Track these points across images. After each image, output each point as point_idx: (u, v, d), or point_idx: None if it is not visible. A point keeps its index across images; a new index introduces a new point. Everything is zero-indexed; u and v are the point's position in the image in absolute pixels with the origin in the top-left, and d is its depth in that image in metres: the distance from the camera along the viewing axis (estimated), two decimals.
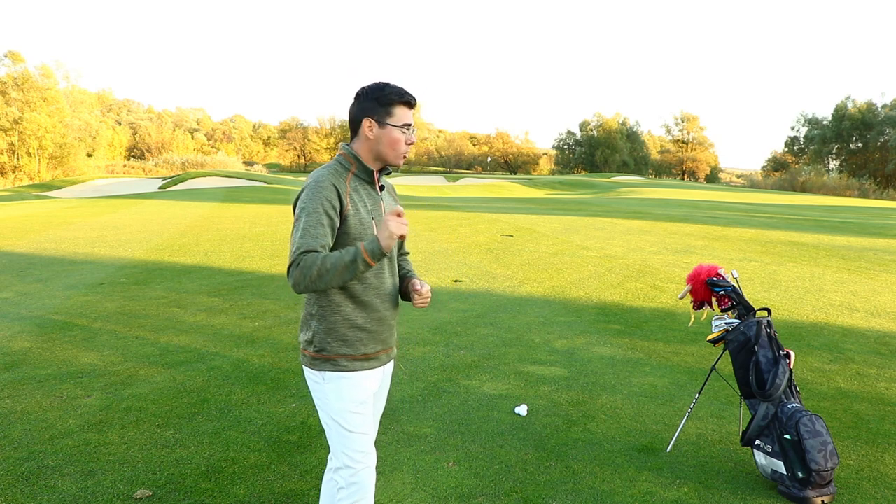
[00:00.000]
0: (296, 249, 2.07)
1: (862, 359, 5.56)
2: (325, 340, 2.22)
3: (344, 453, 2.25)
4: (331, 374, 2.22)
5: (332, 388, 2.22)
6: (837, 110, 75.06)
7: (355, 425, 2.24)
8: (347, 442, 2.24)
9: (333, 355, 2.22)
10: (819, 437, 3.24)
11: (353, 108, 2.29)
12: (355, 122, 2.28)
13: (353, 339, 2.23)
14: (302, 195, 2.17)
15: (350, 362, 2.23)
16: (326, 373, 2.22)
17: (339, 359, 2.22)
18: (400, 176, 65.67)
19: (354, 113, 2.28)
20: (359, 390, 2.25)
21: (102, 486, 3.26)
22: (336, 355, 2.22)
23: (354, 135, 2.30)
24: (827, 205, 32.52)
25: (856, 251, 11.82)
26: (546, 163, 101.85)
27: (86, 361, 5.21)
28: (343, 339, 2.22)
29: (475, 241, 12.67)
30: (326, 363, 2.22)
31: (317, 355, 2.23)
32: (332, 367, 2.22)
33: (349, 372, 2.23)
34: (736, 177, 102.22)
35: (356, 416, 2.24)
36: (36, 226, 15.12)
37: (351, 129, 2.31)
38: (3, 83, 51.66)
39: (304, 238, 2.08)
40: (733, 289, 3.67)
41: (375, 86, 2.27)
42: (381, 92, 2.24)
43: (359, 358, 2.25)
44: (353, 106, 2.29)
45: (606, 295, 7.94)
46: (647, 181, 63.76)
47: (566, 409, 4.40)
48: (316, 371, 2.23)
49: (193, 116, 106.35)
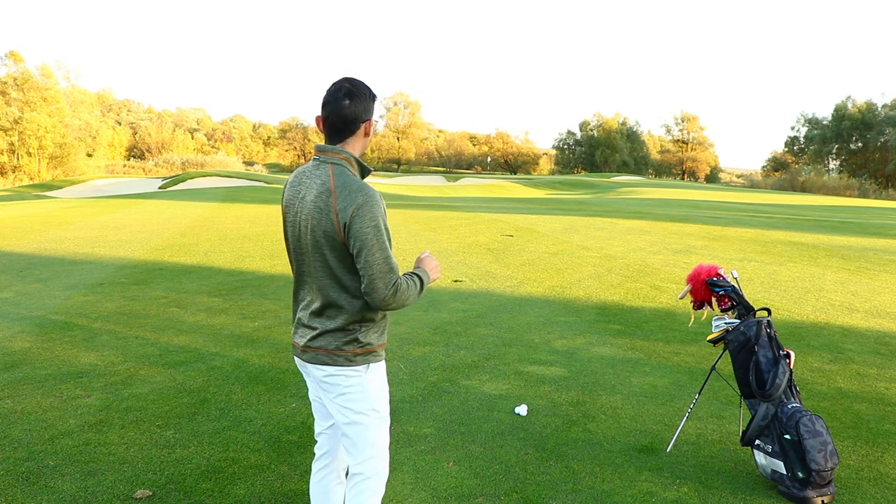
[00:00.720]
0: (391, 269, 2.16)
1: (862, 359, 5.56)
2: (369, 336, 2.30)
3: (376, 445, 2.36)
4: (374, 364, 2.34)
5: (372, 378, 2.33)
6: (837, 110, 75.03)
7: (387, 409, 2.42)
8: (382, 431, 2.38)
9: (376, 347, 2.33)
10: (819, 437, 3.24)
11: (352, 108, 2.23)
12: (354, 123, 2.25)
13: (384, 328, 2.38)
14: (364, 212, 2.13)
15: (382, 350, 2.39)
16: (370, 364, 2.32)
17: (378, 349, 2.35)
18: (400, 176, 65.70)
19: (356, 114, 2.24)
20: (385, 374, 2.44)
21: (102, 486, 3.26)
22: (377, 346, 2.34)
23: (349, 135, 2.26)
24: (827, 205, 32.52)
25: (856, 251, 11.82)
26: (546, 163, 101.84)
27: (86, 361, 5.21)
28: (380, 332, 2.35)
29: (475, 241, 12.67)
30: (369, 356, 2.31)
31: (360, 351, 2.29)
32: (374, 358, 2.33)
33: (382, 360, 2.39)
34: (736, 177, 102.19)
35: (387, 399, 2.43)
36: (36, 226, 15.12)
37: (342, 129, 2.25)
38: (4, 83, 51.66)
39: (393, 261, 2.17)
40: (733, 289, 3.67)
41: (364, 85, 2.28)
42: (371, 92, 2.29)
43: (385, 344, 2.41)
44: (351, 106, 2.23)
45: (606, 295, 7.94)
46: (647, 181, 63.76)
47: (566, 409, 4.40)
48: (359, 366, 2.30)
49: (193, 116, 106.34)
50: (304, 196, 2.24)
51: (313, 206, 2.19)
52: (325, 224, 2.16)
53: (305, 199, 2.23)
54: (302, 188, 2.27)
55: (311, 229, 2.21)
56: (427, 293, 7.93)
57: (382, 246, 2.14)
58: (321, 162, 2.26)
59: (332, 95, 2.23)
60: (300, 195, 2.27)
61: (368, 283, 2.14)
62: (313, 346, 2.29)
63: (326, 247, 2.19)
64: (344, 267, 2.20)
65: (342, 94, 2.22)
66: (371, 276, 2.13)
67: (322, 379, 2.31)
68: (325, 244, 2.19)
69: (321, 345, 2.28)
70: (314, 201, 2.19)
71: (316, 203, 2.18)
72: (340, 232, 2.15)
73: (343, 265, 2.20)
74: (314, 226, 2.19)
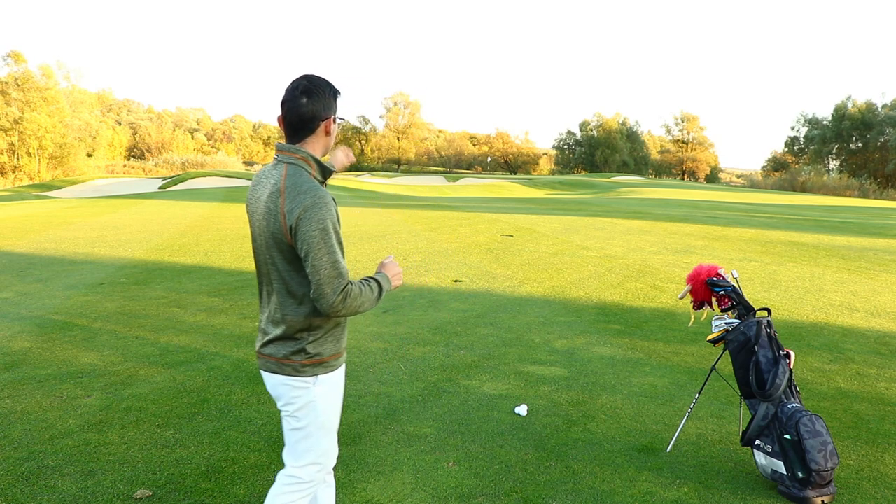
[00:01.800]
0: (339, 273, 2.07)
1: (862, 359, 5.56)
2: (319, 346, 2.22)
3: (318, 453, 2.29)
4: (323, 376, 2.24)
5: (321, 392, 2.24)
6: (837, 110, 75.04)
7: (336, 421, 2.34)
8: (325, 441, 2.31)
9: (327, 357, 2.24)
10: (819, 437, 3.24)
11: (309, 106, 2.15)
12: (312, 122, 2.16)
13: (339, 336, 2.29)
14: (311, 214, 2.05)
15: (337, 360, 2.29)
16: (319, 376, 2.23)
17: (330, 360, 2.25)
18: (400, 176, 65.71)
19: (314, 112, 2.15)
20: (342, 383, 2.35)
21: (102, 486, 3.26)
22: (329, 357, 2.25)
23: (306, 134, 2.18)
24: (827, 205, 32.53)
25: (856, 251, 11.82)
26: (546, 163, 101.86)
27: (86, 361, 5.21)
28: (335, 340, 2.27)
29: (475, 241, 12.67)
30: (318, 367, 2.22)
31: (309, 362, 2.21)
32: (324, 369, 2.24)
33: (336, 370, 2.29)
34: (736, 177, 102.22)
35: (338, 410, 2.35)
36: (36, 226, 15.12)
37: (301, 128, 2.17)
38: (4, 83, 51.68)
39: (342, 265, 2.09)
40: (733, 289, 3.67)
41: (324, 82, 2.20)
42: (332, 89, 2.21)
43: (341, 353, 2.32)
44: (309, 104, 2.14)
45: (606, 295, 7.94)
46: (647, 181, 63.76)
47: (566, 409, 4.40)
48: (307, 378, 2.21)
49: (193, 116, 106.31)
50: (260, 196, 2.19)
51: (265, 206, 2.14)
52: (274, 225, 2.10)
53: (260, 200, 2.18)
54: (258, 188, 2.22)
55: (262, 231, 2.16)
56: (427, 293, 7.93)
57: (330, 250, 2.06)
58: (279, 161, 2.19)
59: (289, 94, 2.16)
60: (257, 195, 2.22)
61: (316, 288, 2.07)
62: (264, 352, 2.24)
63: (275, 249, 2.14)
64: (292, 270, 2.14)
65: (299, 92, 2.15)
66: (318, 281, 2.05)
67: (272, 386, 2.27)
68: (273, 246, 2.14)
69: (270, 352, 2.22)
70: (265, 202, 2.14)
71: (267, 203, 2.13)
72: (288, 234, 2.08)
73: (291, 268, 2.14)
74: (264, 227, 2.14)
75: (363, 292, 2.15)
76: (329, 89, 2.19)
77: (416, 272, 9.31)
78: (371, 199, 28.34)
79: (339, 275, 2.07)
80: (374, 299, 2.21)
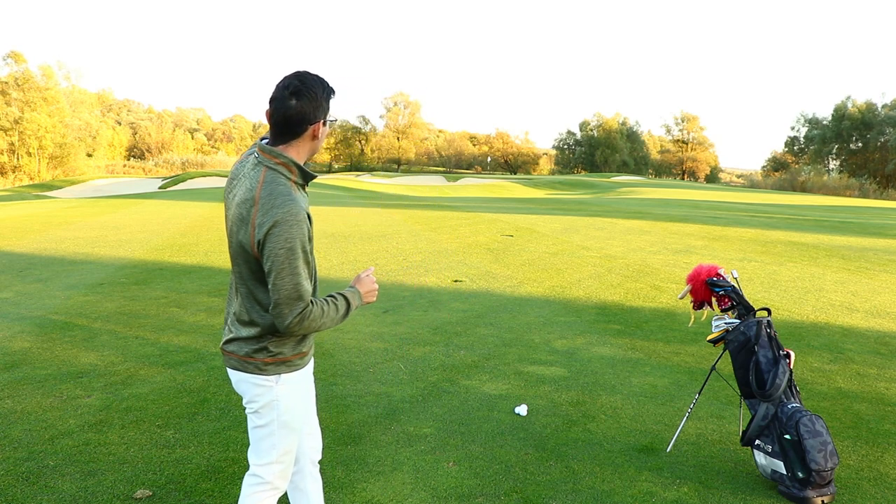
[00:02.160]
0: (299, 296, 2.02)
1: (862, 359, 5.56)
2: (280, 345, 2.17)
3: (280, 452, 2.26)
4: (286, 375, 2.21)
5: (284, 391, 2.21)
6: (837, 110, 75.02)
7: (301, 421, 2.30)
8: (287, 441, 2.27)
9: (290, 356, 2.20)
10: (819, 437, 3.24)
11: (298, 108, 2.03)
12: (300, 125, 2.06)
13: (304, 337, 2.24)
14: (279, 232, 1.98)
15: (301, 359, 2.25)
16: (282, 375, 2.20)
17: (294, 359, 2.22)
18: (400, 176, 65.71)
19: (302, 114, 2.04)
20: (307, 383, 2.32)
21: (102, 486, 3.26)
22: (292, 356, 2.21)
23: (293, 136, 2.07)
24: (827, 205, 32.53)
25: (856, 251, 11.82)
26: (546, 163, 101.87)
27: (86, 361, 5.21)
28: (297, 341, 2.22)
29: (475, 241, 12.67)
30: (281, 366, 2.19)
31: (271, 360, 2.17)
32: (286, 368, 2.20)
33: (301, 369, 2.26)
34: (736, 177, 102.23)
35: (303, 409, 2.31)
36: (36, 226, 15.11)
37: (287, 130, 2.06)
38: (4, 83, 51.68)
39: (303, 287, 2.03)
40: (733, 289, 3.67)
41: (317, 82, 2.07)
42: (325, 90, 2.08)
43: (306, 353, 2.28)
44: (298, 106, 2.03)
45: (606, 295, 7.94)
46: (647, 181, 63.77)
47: (566, 409, 4.40)
48: (269, 376, 2.18)
49: (193, 116, 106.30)
50: (235, 195, 2.12)
51: (237, 211, 2.07)
52: (243, 235, 2.05)
53: (234, 201, 2.11)
54: (235, 184, 2.14)
55: (233, 234, 2.11)
56: (427, 293, 7.93)
57: (294, 271, 1.99)
58: (259, 162, 2.10)
59: (279, 92, 2.04)
60: (232, 192, 2.14)
61: (274, 307, 2.03)
62: (227, 349, 2.21)
63: (241, 257, 2.10)
64: (256, 280, 2.09)
65: (289, 92, 2.03)
66: (277, 301, 2.01)
67: (235, 383, 2.24)
68: (241, 255, 2.09)
69: (232, 349, 2.19)
70: (238, 207, 2.07)
71: (239, 209, 2.06)
72: (255, 247, 2.03)
73: (255, 279, 2.09)
74: (235, 232, 2.09)
75: (325, 312, 2.11)
76: (322, 90, 2.07)
77: (416, 272, 9.31)
78: (371, 199, 28.35)
79: (298, 297, 2.02)
80: (338, 317, 2.17)
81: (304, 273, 2.03)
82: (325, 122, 2.12)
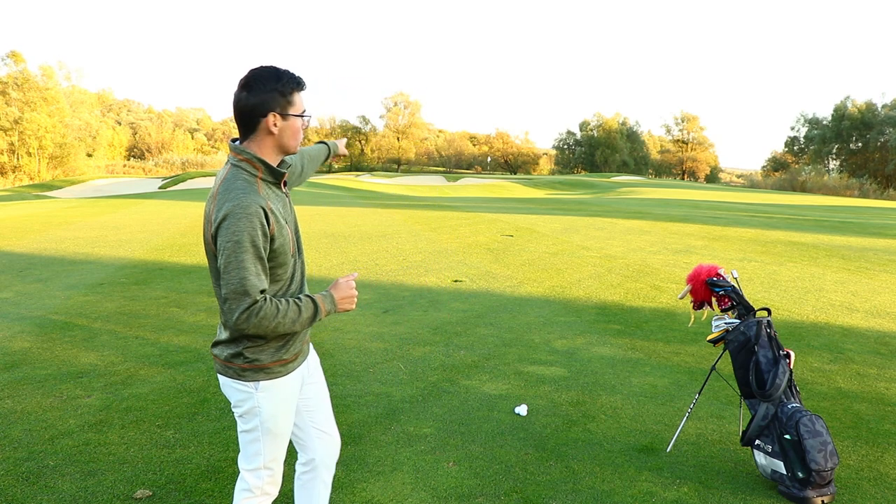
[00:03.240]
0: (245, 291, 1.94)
1: (862, 359, 5.56)
2: (257, 352, 2.11)
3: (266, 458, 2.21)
4: (265, 382, 2.14)
5: (265, 398, 2.15)
6: (837, 110, 75.00)
7: (285, 428, 2.24)
8: (274, 447, 2.22)
9: (268, 364, 2.13)
10: (819, 437, 3.24)
11: (248, 100, 2.00)
12: (254, 117, 2.02)
13: (284, 344, 2.17)
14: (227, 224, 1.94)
15: (283, 367, 2.18)
16: (260, 382, 2.14)
17: (273, 366, 2.15)
18: (400, 176, 65.71)
19: (253, 106, 2.00)
20: (290, 391, 2.23)
21: (102, 486, 3.26)
22: (270, 363, 2.14)
23: (250, 131, 2.05)
24: (827, 205, 32.52)
25: (856, 251, 11.82)
26: (546, 163, 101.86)
27: (86, 361, 5.21)
28: (276, 348, 2.15)
29: (475, 241, 12.67)
30: (259, 373, 2.13)
31: (248, 366, 2.12)
32: (265, 375, 2.14)
33: (282, 377, 2.18)
34: (736, 177, 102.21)
35: (287, 417, 2.24)
36: (36, 226, 15.11)
37: (245, 124, 2.04)
38: (4, 83, 51.68)
39: (250, 282, 1.95)
40: (733, 289, 3.67)
41: (270, 73, 2.02)
42: (280, 81, 2.01)
43: (290, 360, 2.20)
44: (247, 98, 2.00)
45: (606, 295, 7.94)
46: (647, 181, 63.76)
47: (566, 409, 4.40)
48: (248, 382, 2.13)
49: (193, 116, 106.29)
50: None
51: (205, 209, 2.08)
52: (206, 231, 2.04)
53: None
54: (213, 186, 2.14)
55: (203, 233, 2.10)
56: (427, 293, 7.93)
57: (240, 265, 1.93)
58: (227, 161, 2.10)
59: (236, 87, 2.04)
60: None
61: (223, 302, 2.00)
62: (213, 352, 2.20)
63: (210, 255, 2.07)
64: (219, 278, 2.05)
65: (240, 86, 2.02)
66: (225, 296, 1.97)
67: (221, 386, 2.22)
68: (209, 253, 2.07)
69: (216, 353, 2.17)
70: (206, 204, 2.08)
71: (206, 207, 2.06)
72: (212, 242, 2.02)
73: (218, 276, 2.05)
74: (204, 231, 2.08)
75: (282, 312, 2.01)
76: (277, 81, 2.00)
77: (416, 272, 9.31)
78: (371, 199, 28.34)
79: (244, 293, 1.94)
80: (302, 321, 2.07)
81: (252, 268, 1.95)
82: (284, 115, 2.03)
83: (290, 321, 2.03)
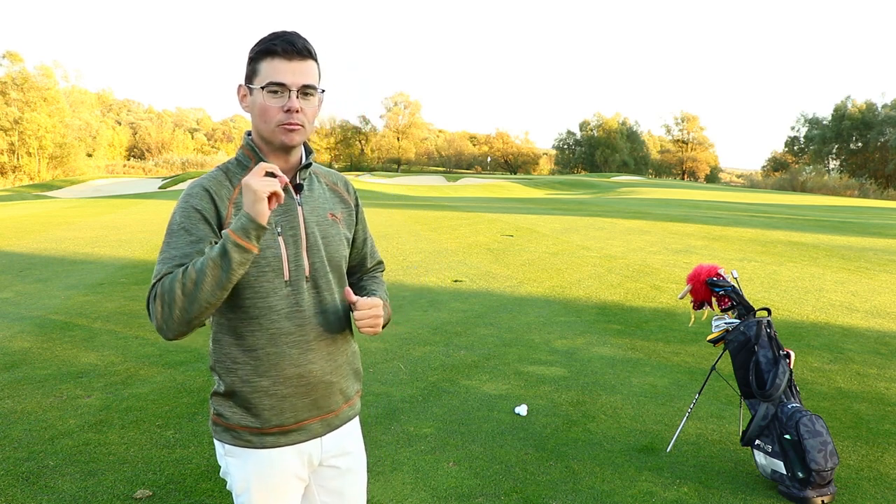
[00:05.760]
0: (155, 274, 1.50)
1: (862, 359, 5.56)
2: (221, 401, 1.64)
3: None
4: (233, 447, 1.63)
5: (235, 464, 1.64)
6: (837, 110, 75.02)
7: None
8: None
9: (233, 425, 1.62)
10: (819, 437, 3.24)
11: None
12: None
13: (260, 406, 1.60)
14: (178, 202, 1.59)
15: (256, 437, 1.62)
16: (227, 445, 1.65)
17: (240, 431, 1.62)
18: (400, 176, 65.71)
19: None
20: (274, 471, 1.63)
21: (102, 486, 3.26)
22: (236, 426, 1.62)
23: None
24: (827, 205, 32.52)
25: (856, 251, 11.82)
26: (546, 163, 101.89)
27: (86, 361, 5.21)
28: (245, 406, 1.61)
29: (475, 241, 12.67)
30: (226, 433, 1.64)
31: (216, 419, 1.66)
32: (231, 438, 1.63)
33: (257, 449, 1.62)
34: (736, 177, 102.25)
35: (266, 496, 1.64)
36: (36, 226, 15.11)
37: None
38: (3, 83, 51.68)
39: (163, 264, 1.50)
40: (733, 289, 3.67)
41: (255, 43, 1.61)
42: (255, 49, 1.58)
43: (269, 431, 1.62)
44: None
45: (606, 295, 7.94)
46: (647, 181, 63.76)
47: (566, 409, 4.40)
48: (216, 438, 1.67)
49: (193, 116, 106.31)
50: None
51: None
52: None
53: None
54: None
55: None
56: (427, 293, 7.92)
57: (162, 248, 1.53)
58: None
59: None
60: None
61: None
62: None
63: None
64: None
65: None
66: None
67: None
68: None
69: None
70: None
71: None
72: None
73: None
74: None
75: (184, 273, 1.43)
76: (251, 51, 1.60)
77: (416, 272, 9.31)
78: (371, 199, 28.33)
79: (155, 275, 1.49)
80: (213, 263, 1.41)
81: (167, 252, 1.51)
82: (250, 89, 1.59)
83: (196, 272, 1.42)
